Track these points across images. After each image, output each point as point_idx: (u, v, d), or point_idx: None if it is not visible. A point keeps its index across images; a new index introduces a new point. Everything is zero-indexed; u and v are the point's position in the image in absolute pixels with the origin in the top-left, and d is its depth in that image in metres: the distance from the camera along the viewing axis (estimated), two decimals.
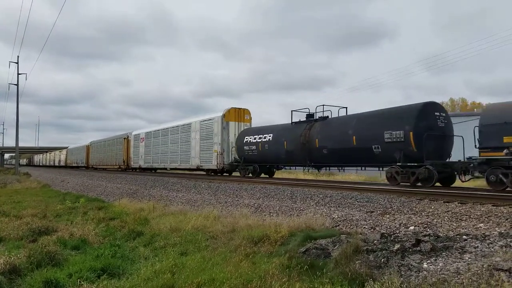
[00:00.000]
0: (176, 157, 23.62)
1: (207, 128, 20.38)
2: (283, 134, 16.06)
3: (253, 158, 17.66)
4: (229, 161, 19.26)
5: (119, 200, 14.20)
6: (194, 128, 21.55)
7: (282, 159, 16.41)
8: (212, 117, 20.10)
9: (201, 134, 20.74)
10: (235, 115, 19.79)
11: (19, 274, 5.58)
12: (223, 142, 19.11)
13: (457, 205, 7.53)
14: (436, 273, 4.23)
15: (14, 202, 15.35)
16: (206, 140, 20.32)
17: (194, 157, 21.33)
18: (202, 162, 20.60)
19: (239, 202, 10.79)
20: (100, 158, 41.63)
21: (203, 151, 20.53)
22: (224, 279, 4.60)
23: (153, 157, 27.20)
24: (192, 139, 21.63)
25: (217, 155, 19.18)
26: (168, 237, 7.52)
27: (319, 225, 7.12)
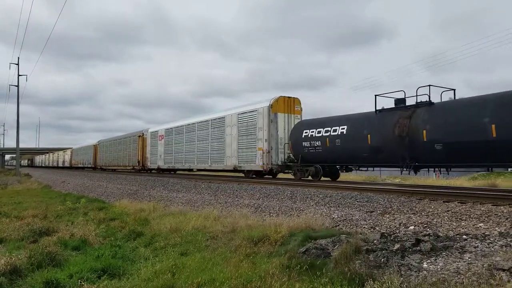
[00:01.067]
0: (205, 157, 20.30)
1: (248, 122, 16.96)
2: (364, 126, 12.27)
3: (316, 157, 13.98)
4: (278, 160, 15.88)
5: (120, 200, 14.21)
6: (230, 122, 18.19)
7: (363, 158, 12.47)
8: (255, 108, 16.70)
9: (240, 129, 17.37)
10: (285, 106, 16.39)
11: (20, 274, 5.59)
12: (270, 138, 15.75)
13: (457, 205, 7.53)
14: (436, 273, 4.24)
15: (15, 203, 15.37)
16: (246, 136, 16.97)
17: (230, 156, 18.00)
18: (241, 162, 17.24)
19: (239, 202, 10.80)
20: (110, 158, 38.51)
21: (242, 149, 17.21)
22: (224, 279, 4.61)
23: (176, 156, 23.70)
24: (227, 135, 18.31)
25: (263, 153, 15.85)
26: (168, 237, 7.53)
27: (319, 225, 7.12)
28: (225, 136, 18.53)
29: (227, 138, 18.36)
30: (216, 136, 19.40)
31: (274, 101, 16.15)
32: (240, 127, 17.53)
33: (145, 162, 28.79)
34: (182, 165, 22.97)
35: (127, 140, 33.75)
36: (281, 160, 15.98)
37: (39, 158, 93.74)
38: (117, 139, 37.26)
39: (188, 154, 22.28)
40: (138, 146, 30.56)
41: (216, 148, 19.36)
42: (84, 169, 47.70)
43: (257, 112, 16.49)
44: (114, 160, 37.12)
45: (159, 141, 26.16)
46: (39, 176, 42.70)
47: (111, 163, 37.96)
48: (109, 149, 39.37)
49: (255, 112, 16.63)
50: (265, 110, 16.07)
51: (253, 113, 16.83)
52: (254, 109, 16.82)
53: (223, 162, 18.60)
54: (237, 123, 17.74)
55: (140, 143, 30.28)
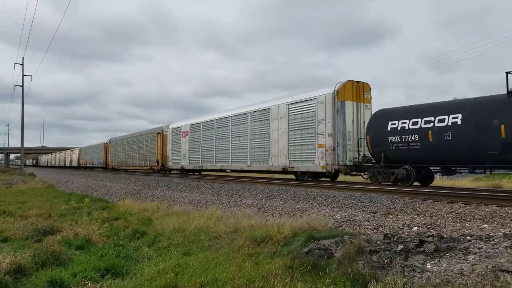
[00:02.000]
0: (243, 156, 17.43)
1: (304, 113, 14.12)
2: (492, 113, 9.45)
3: (409, 156, 10.98)
4: (346, 159, 12.86)
5: (123, 200, 14.27)
6: (277, 114, 15.38)
7: (490, 157, 9.48)
8: (314, 96, 13.85)
9: (291, 122, 14.62)
10: (353, 92, 13.39)
11: (24, 273, 5.62)
12: (336, 132, 12.86)
13: (461, 206, 7.49)
14: (439, 274, 4.22)
15: (19, 202, 15.45)
16: (300, 131, 14.19)
17: (277, 154, 15.17)
18: (293, 162, 14.43)
19: (242, 202, 10.81)
20: (123, 157, 35.42)
21: (295, 146, 14.39)
22: (227, 279, 4.62)
23: (204, 155, 20.86)
24: (272, 129, 15.50)
25: (325, 151, 13.00)
26: (172, 237, 7.55)
27: (322, 226, 7.12)
28: (270, 131, 15.65)
29: (273, 134, 15.47)
30: (258, 131, 16.47)
31: (340, 86, 13.01)
32: (291, 120, 14.64)
33: (166, 161, 25.81)
34: (211, 165, 20.15)
35: (144, 137, 30.55)
36: (350, 159, 12.96)
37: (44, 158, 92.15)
38: (131, 137, 34.03)
39: (220, 153, 19.38)
40: (157, 144, 27.30)
41: (257, 146, 16.44)
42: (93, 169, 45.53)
43: (316, 101, 13.57)
44: (128, 159, 34.03)
45: (183, 138, 23.22)
46: (43, 175, 42.93)
47: (125, 162, 34.98)
48: (122, 147, 36.32)
49: (313, 101, 13.71)
50: (329, 98, 13.13)
51: (310, 102, 13.89)
52: (311, 97, 13.91)
53: (268, 162, 15.70)
54: (287, 115, 14.85)
55: (160, 141, 27.03)
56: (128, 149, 34.32)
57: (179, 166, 23.64)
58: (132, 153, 33.16)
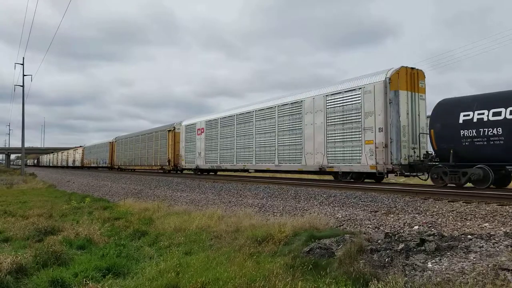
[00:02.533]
0: (270, 154, 15.68)
1: (346, 105, 12.41)
2: None
3: (488, 152, 9.32)
4: (400, 158, 11.08)
5: (124, 200, 14.28)
6: (311, 107, 13.67)
7: None
8: (360, 85, 12.04)
9: (330, 116, 12.92)
10: (407, 80, 11.66)
11: (25, 273, 5.63)
12: (389, 127, 11.11)
13: (462, 205, 7.49)
14: (440, 273, 4.22)
15: (20, 202, 15.47)
16: (342, 125, 12.47)
17: (312, 153, 13.49)
18: (333, 161, 12.73)
19: (243, 202, 10.81)
20: (131, 157, 33.46)
21: (335, 143, 12.69)
22: (228, 279, 4.62)
23: (223, 154, 19.23)
24: (306, 124, 13.84)
25: (375, 148, 11.31)
26: (173, 236, 7.55)
27: (323, 225, 7.12)
28: (303, 126, 13.97)
29: (306, 129, 13.78)
30: (288, 127, 14.75)
31: (393, 73, 11.29)
32: (330, 113, 12.93)
33: (178, 161, 24.15)
34: (232, 165, 18.53)
35: (153, 135, 28.57)
36: (405, 157, 11.19)
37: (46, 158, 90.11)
38: (139, 135, 32.12)
39: (241, 151, 17.67)
40: (168, 142, 25.46)
41: (287, 143, 14.72)
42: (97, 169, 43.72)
43: (362, 91, 11.85)
44: (136, 159, 32.15)
45: (198, 136, 21.62)
46: (44, 175, 42.98)
47: (132, 162, 33.13)
48: (129, 146, 34.28)
49: (358, 91, 11.98)
50: (379, 87, 11.38)
51: (354, 93, 12.17)
52: (355, 87, 12.17)
53: (300, 161, 13.98)
54: (324, 108, 13.14)
55: (171, 139, 25.19)
56: (136, 148, 32.41)
57: (194, 165, 21.95)
58: (140, 152, 31.26)
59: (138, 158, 31.67)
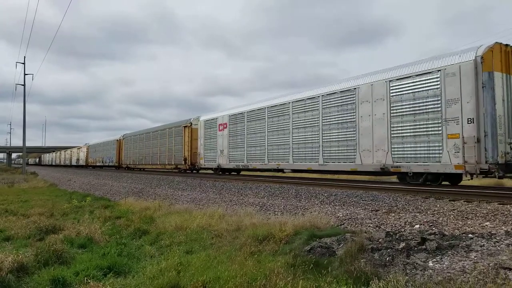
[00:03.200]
0: (313, 152, 13.62)
1: (419, 91, 10.31)
2: None
3: None
4: (497, 155, 9.03)
5: (125, 199, 14.29)
6: (368, 96, 11.64)
7: None
8: (439, 67, 10.00)
9: (395, 105, 10.82)
10: (502, 60, 9.58)
11: (27, 272, 5.64)
12: (482, 118, 9.16)
13: (463, 204, 7.49)
14: (441, 272, 4.22)
15: (21, 201, 15.50)
16: (413, 116, 10.39)
17: (370, 149, 11.52)
18: (400, 160, 10.67)
19: (244, 200, 10.82)
20: (140, 155, 31.49)
21: (403, 138, 10.61)
22: (229, 278, 4.62)
23: (251, 152, 17.21)
24: (362, 116, 11.80)
25: (462, 144, 9.35)
26: (174, 235, 7.56)
27: (324, 224, 7.12)
28: (357, 118, 11.95)
29: (362, 122, 11.78)
30: (336, 120, 12.77)
31: (486, 50, 9.31)
32: (395, 102, 10.82)
33: (196, 159, 22.26)
34: (262, 164, 16.47)
35: (167, 132, 26.48)
36: (501, 154, 9.14)
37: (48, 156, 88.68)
38: (150, 132, 29.85)
39: (275, 149, 15.62)
40: (184, 139, 23.46)
41: (335, 138, 12.81)
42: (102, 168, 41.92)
43: (443, 73, 9.84)
44: (147, 157, 30.09)
45: (219, 132, 19.68)
46: (45, 174, 43.05)
47: (142, 161, 31.07)
48: (138, 144, 32.11)
49: (437, 73, 9.96)
50: (467, 68, 9.37)
51: (430, 76, 10.11)
52: (433, 69, 10.09)
53: (354, 160, 12.06)
54: (387, 96, 11.04)
55: (187, 136, 23.22)
56: (147, 146, 30.17)
57: (215, 164, 20.04)
58: (152, 150, 29.03)
59: (149, 157, 29.52)
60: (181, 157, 23.97)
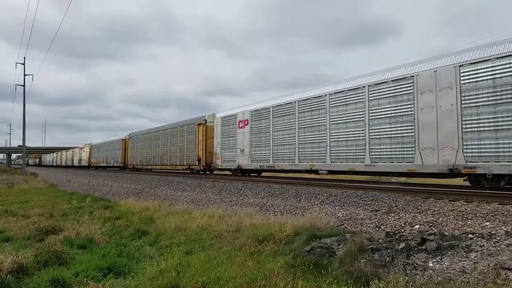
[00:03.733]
0: (357, 150, 11.94)
1: (503, 77, 8.63)
2: None
3: None
4: None
5: (125, 199, 14.29)
6: (431, 84, 9.99)
7: None
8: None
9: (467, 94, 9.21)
10: None
11: (26, 273, 5.64)
12: None
13: (462, 204, 7.49)
14: (441, 272, 4.22)
15: (21, 201, 15.49)
16: (494, 107, 8.80)
17: (434, 147, 9.83)
18: (475, 158, 9.10)
19: (244, 201, 10.81)
20: (148, 155, 29.32)
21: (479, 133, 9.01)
22: (229, 278, 4.62)
23: (278, 151, 15.42)
24: (422, 109, 10.13)
25: None
26: (173, 236, 7.56)
27: (323, 224, 7.12)
28: (415, 110, 10.24)
29: (423, 115, 10.06)
30: (387, 113, 11.06)
31: None
32: (469, 91, 9.12)
33: (211, 159, 20.52)
34: (292, 164, 14.66)
35: (178, 130, 24.56)
36: None
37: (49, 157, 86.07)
38: (159, 130, 27.86)
39: (307, 147, 13.90)
40: (198, 138, 21.61)
41: (385, 135, 11.09)
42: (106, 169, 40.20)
43: None
44: (155, 157, 27.97)
45: (239, 129, 17.94)
46: (45, 175, 43.04)
47: (150, 161, 28.90)
48: (146, 144, 30.01)
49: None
50: None
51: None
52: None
53: (412, 159, 10.30)
54: (456, 84, 9.38)
55: (202, 134, 21.30)
56: (155, 145, 28.12)
57: (234, 165, 18.18)
58: (161, 150, 26.95)
59: (158, 157, 27.42)
60: (194, 157, 21.94)
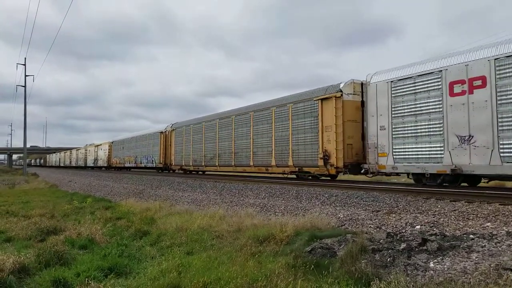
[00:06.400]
0: None
1: None
2: None
3: None
4: None
5: (126, 200, 14.29)
6: None
7: None
8: None
9: None
10: None
11: (28, 273, 5.65)
12: None
13: (464, 204, 7.48)
14: (443, 273, 4.21)
15: (22, 202, 15.51)
16: None
17: None
18: None
19: (245, 201, 10.82)
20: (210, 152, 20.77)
21: None
22: (230, 279, 4.62)
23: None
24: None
25: None
26: (174, 236, 7.56)
27: (324, 225, 7.12)
28: None
29: None
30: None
31: None
32: None
33: (354, 155, 12.72)
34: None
35: (274, 113, 15.73)
36: None
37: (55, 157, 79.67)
38: (231, 116, 19.07)
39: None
40: (323, 122, 13.31)
41: None
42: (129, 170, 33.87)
43: None
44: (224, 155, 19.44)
45: (458, 98, 9.57)
46: (46, 175, 43.08)
47: (213, 161, 20.40)
48: (205, 136, 21.51)
49: None
50: None
51: None
52: None
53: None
54: None
55: (332, 114, 12.92)
56: (224, 138, 19.57)
57: (435, 166, 9.97)
58: (235, 144, 18.43)
59: (228, 154, 19.08)
60: (313, 153, 13.65)
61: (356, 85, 13.00)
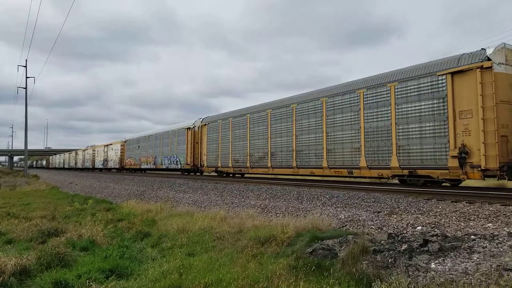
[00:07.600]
0: None
1: None
2: None
3: None
4: None
5: (127, 201, 14.30)
6: None
7: None
8: None
9: None
10: None
11: (29, 275, 5.65)
12: None
13: (465, 205, 7.47)
14: (444, 273, 4.21)
15: (23, 204, 15.52)
16: None
17: None
18: None
19: (246, 203, 10.81)
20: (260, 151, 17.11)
21: None
22: (231, 280, 4.62)
23: None
24: None
25: None
26: (175, 238, 7.56)
27: (326, 226, 7.11)
28: None
29: None
30: None
31: None
32: None
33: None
34: None
35: (361, 96, 12.27)
36: None
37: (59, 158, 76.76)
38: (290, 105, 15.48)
39: None
40: (452, 108, 9.72)
41: None
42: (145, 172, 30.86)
43: None
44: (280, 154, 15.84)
45: None
46: (47, 177, 43.10)
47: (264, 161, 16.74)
48: (251, 130, 17.87)
49: None
50: None
51: None
52: None
53: None
54: None
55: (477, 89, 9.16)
56: (279, 132, 15.89)
57: None
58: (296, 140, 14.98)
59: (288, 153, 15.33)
60: (441, 150, 10.05)
61: (509, 52, 9.30)
